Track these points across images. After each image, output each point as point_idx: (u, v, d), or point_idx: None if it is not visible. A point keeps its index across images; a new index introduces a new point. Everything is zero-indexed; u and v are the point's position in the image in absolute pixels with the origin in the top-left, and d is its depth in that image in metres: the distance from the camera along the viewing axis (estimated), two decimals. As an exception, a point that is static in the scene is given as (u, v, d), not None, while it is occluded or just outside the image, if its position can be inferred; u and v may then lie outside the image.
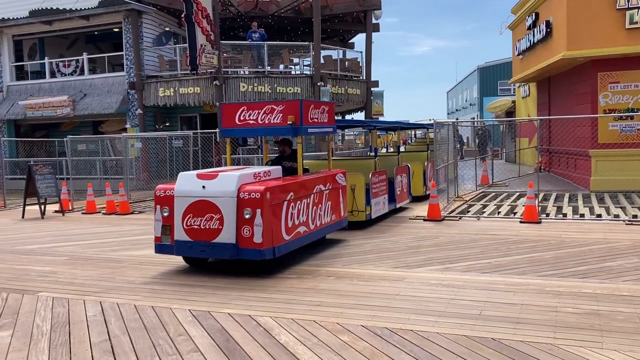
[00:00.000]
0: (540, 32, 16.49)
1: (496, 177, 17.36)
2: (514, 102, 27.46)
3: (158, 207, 6.79)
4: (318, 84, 18.21)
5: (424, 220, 10.53)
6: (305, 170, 8.34)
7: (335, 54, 20.92)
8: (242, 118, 7.72)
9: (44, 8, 20.14)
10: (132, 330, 4.88)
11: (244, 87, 17.95)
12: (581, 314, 4.99)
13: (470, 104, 48.61)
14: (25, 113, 20.35)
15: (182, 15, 16.60)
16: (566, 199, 12.93)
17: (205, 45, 16.61)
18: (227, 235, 6.31)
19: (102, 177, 17.71)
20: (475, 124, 30.33)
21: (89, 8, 19.48)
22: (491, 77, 43.27)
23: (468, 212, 11.57)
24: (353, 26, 23.34)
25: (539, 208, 11.09)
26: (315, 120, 7.85)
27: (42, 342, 4.63)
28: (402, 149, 16.28)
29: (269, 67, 18.47)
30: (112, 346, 4.51)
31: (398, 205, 11.31)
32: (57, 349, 4.49)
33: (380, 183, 10.26)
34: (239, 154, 16.75)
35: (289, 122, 7.30)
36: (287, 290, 6.05)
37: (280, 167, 7.50)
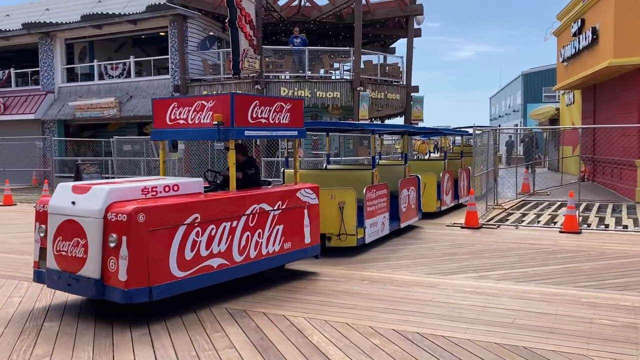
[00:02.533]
0: (586, 38, 16.17)
1: (538, 185, 17.08)
2: (558, 109, 26.91)
3: (37, 224, 5.59)
4: (358, 88, 18.31)
5: (461, 227, 10.47)
6: (267, 184, 7.09)
7: (376, 59, 20.99)
8: (172, 117, 6.39)
9: (94, 13, 20.90)
10: (171, 325, 5.07)
11: (284, 91, 18.20)
12: (617, 326, 4.92)
13: (514, 111, 47.83)
14: (75, 114, 21.14)
15: (226, 20, 16.99)
16: (609, 210, 12.64)
17: (247, 50, 16.94)
18: (91, 267, 5.00)
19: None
20: (518, 131, 29.79)
21: (136, 13, 20.12)
22: (535, 84, 42.48)
23: (507, 220, 11.45)
24: (394, 31, 23.36)
25: (581, 218, 10.90)
26: (264, 120, 6.35)
27: (86, 335, 4.87)
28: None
29: (309, 72, 18.69)
30: (151, 340, 4.71)
31: (402, 225, 9.60)
32: (101, 340, 4.71)
33: (378, 199, 8.69)
34: (277, 157, 16.98)
35: (214, 122, 5.86)
36: (321, 292, 6.15)
37: (200, 179, 6.04)
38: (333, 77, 20.48)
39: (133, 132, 21.92)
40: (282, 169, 9.69)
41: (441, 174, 12.12)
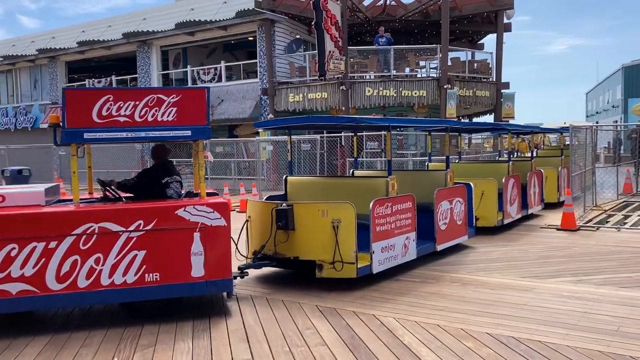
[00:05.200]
0: (697, 26, 14.92)
1: (641, 185, 15.98)
2: (664, 103, 25.03)
3: None
4: (445, 86, 17.96)
5: (557, 229, 10.01)
6: (192, 195, 5.90)
7: (464, 55, 20.50)
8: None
9: (187, 20, 21.89)
10: (264, 320, 5.23)
11: (369, 91, 18.19)
12: None
13: (613, 106, 45.04)
14: (170, 117, 22.20)
15: (312, 23, 17.24)
16: None
17: (333, 52, 17.09)
18: None
19: (237, 177, 18.90)
20: (617, 128, 27.98)
21: (227, 19, 20.87)
22: (638, 77, 39.76)
23: (607, 222, 10.81)
24: (483, 27, 22.70)
25: (692, 220, 10.09)
26: (123, 119, 5.08)
27: (186, 327, 5.12)
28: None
29: (394, 71, 18.56)
30: (246, 335, 4.88)
31: (439, 247, 7.67)
32: (199, 334, 4.94)
33: (396, 215, 6.75)
34: (362, 157, 16.99)
35: (48, 125, 5.20)
36: (411, 293, 6.10)
37: (39, 190, 5.31)
38: (419, 76, 20.21)
39: (224, 134, 22.74)
40: (285, 176, 8.39)
41: (503, 180, 9.96)
